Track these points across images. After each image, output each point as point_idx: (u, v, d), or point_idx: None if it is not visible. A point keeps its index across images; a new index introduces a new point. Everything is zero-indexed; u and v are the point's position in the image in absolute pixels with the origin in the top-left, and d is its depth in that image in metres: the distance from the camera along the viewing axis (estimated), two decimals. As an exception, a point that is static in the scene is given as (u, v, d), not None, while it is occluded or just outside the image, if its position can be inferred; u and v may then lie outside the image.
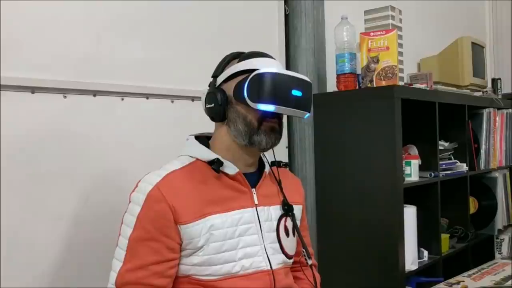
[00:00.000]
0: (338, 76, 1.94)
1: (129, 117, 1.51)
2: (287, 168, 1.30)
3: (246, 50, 1.19)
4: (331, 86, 2.08)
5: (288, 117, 2.06)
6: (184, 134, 1.23)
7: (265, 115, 1.08)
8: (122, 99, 1.50)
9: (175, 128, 1.56)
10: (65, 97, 1.37)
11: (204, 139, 1.18)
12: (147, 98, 1.57)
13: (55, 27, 1.36)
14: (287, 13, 2.08)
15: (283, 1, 2.06)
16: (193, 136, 1.19)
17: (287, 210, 1.18)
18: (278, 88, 1.05)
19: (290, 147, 2.07)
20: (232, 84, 1.10)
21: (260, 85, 1.03)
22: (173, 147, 1.21)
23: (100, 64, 1.45)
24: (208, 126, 1.21)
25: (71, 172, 1.38)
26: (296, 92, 1.07)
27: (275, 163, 1.24)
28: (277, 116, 1.11)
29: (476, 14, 3.61)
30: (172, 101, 1.63)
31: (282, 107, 1.06)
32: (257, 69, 1.06)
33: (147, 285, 1.02)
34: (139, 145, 1.52)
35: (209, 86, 1.16)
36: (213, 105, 1.11)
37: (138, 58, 1.54)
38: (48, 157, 1.34)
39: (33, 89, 1.31)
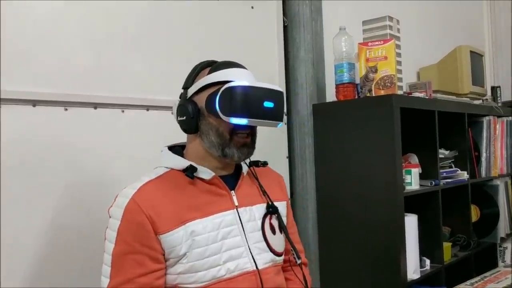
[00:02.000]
0: (337, 86, 1.95)
1: (129, 129, 1.53)
2: (266, 167, 1.29)
3: (244, 62, 1.19)
4: (330, 96, 2.10)
5: (288, 127, 2.07)
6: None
7: (237, 127, 1.09)
8: (123, 111, 1.52)
9: (175, 139, 1.55)
10: (66, 109, 1.39)
11: (178, 149, 1.20)
12: (148, 110, 1.58)
13: (56, 40, 1.38)
14: (285, 24, 2.10)
15: (281, 13, 2.08)
16: (167, 148, 1.20)
17: (272, 211, 1.19)
18: (249, 101, 1.05)
19: (291, 157, 2.08)
20: (204, 96, 1.10)
21: (231, 99, 1.04)
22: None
23: (100, 76, 1.46)
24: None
25: (72, 184, 1.39)
26: (268, 104, 1.07)
27: (253, 163, 1.24)
28: (249, 127, 1.12)
29: (474, 23, 3.63)
30: (172, 113, 1.64)
31: (254, 119, 1.07)
32: (228, 81, 1.06)
33: None
34: (139, 157, 1.53)
35: (180, 97, 1.17)
36: (184, 117, 1.11)
37: (138, 71, 1.56)
38: (49, 170, 1.35)
39: (34, 102, 1.32)
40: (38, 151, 1.33)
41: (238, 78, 1.08)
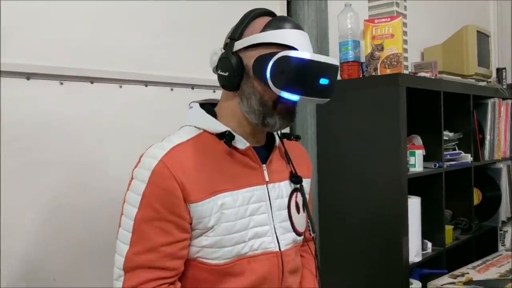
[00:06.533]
0: (341, 64, 1.90)
1: (127, 105, 1.48)
2: (299, 141, 1.21)
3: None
4: (334, 74, 2.04)
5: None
6: (183, 123, 1.18)
7: (283, 98, 0.98)
8: (121, 86, 1.47)
9: (175, 116, 1.50)
10: (61, 84, 1.34)
11: (209, 107, 1.08)
12: (146, 85, 1.53)
13: (52, 12, 1.32)
14: (289, 0, 2.04)
15: (285, -12, 2.02)
16: (198, 104, 1.09)
17: (296, 182, 1.11)
18: (306, 77, 0.94)
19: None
20: (253, 54, 0.98)
21: (287, 71, 0.93)
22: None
23: (98, 50, 1.41)
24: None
25: (68, 160, 1.35)
26: (323, 81, 0.96)
27: (286, 135, 1.16)
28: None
29: (479, 3, 3.55)
30: (172, 89, 1.60)
31: (307, 97, 0.97)
32: (285, 45, 0.95)
33: (159, 268, 0.95)
34: (137, 134, 1.49)
35: (224, 48, 1.03)
36: (227, 73, 0.99)
37: (137, 45, 1.50)
38: (44, 145, 1.30)
39: (28, 75, 1.27)
40: (32, 125, 1.28)
41: (296, 44, 0.96)
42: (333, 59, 0.99)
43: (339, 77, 1.93)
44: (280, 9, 2.00)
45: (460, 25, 2.59)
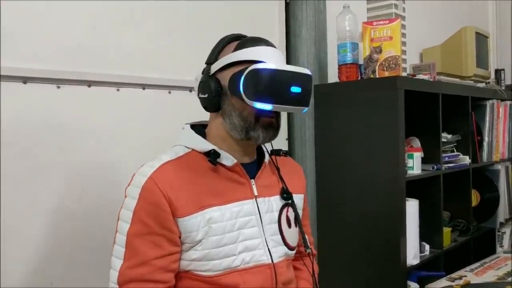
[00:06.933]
0: (339, 66, 1.90)
1: (125, 108, 1.48)
2: (287, 157, 1.26)
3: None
4: (333, 76, 2.04)
5: (288, 108, 2.02)
6: (181, 125, 1.18)
7: (262, 111, 1.02)
8: (118, 89, 1.46)
9: (173, 119, 1.52)
10: (58, 87, 1.34)
11: (200, 128, 1.14)
12: (144, 88, 1.53)
13: (49, 15, 1.31)
14: (287, 1, 2.03)
15: (283, -11, 2.02)
16: (189, 125, 1.14)
17: (287, 198, 1.15)
18: (276, 86, 0.98)
19: (290, 139, 2.04)
20: (228, 74, 1.03)
21: (256, 82, 0.97)
22: (171, 139, 1.17)
23: (95, 53, 1.41)
24: (206, 118, 1.17)
25: (65, 164, 1.35)
26: (295, 89, 1.00)
27: (274, 152, 1.20)
28: (275, 112, 1.06)
29: (479, 3, 3.55)
30: (170, 92, 1.60)
31: (280, 105, 1.00)
32: (255, 61, 1.00)
33: (151, 281, 0.98)
34: (135, 137, 1.49)
35: (202, 73, 1.10)
36: (206, 95, 1.06)
37: (135, 48, 1.50)
38: (41, 149, 1.30)
39: (25, 79, 1.27)
40: (29, 130, 1.28)
41: (265, 58, 1.01)
42: (304, 69, 1.04)
43: (337, 79, 1.93)
44: (278, 10, 2.00)
45: (459, 26, 2.59)
